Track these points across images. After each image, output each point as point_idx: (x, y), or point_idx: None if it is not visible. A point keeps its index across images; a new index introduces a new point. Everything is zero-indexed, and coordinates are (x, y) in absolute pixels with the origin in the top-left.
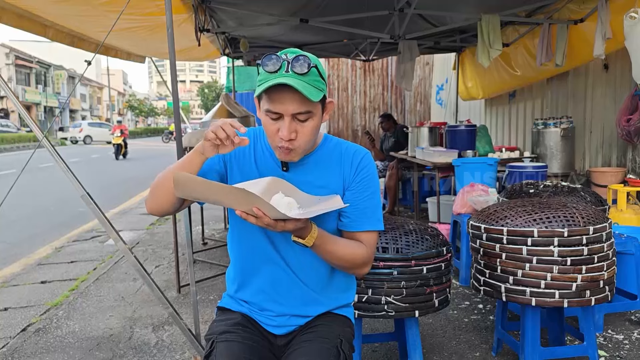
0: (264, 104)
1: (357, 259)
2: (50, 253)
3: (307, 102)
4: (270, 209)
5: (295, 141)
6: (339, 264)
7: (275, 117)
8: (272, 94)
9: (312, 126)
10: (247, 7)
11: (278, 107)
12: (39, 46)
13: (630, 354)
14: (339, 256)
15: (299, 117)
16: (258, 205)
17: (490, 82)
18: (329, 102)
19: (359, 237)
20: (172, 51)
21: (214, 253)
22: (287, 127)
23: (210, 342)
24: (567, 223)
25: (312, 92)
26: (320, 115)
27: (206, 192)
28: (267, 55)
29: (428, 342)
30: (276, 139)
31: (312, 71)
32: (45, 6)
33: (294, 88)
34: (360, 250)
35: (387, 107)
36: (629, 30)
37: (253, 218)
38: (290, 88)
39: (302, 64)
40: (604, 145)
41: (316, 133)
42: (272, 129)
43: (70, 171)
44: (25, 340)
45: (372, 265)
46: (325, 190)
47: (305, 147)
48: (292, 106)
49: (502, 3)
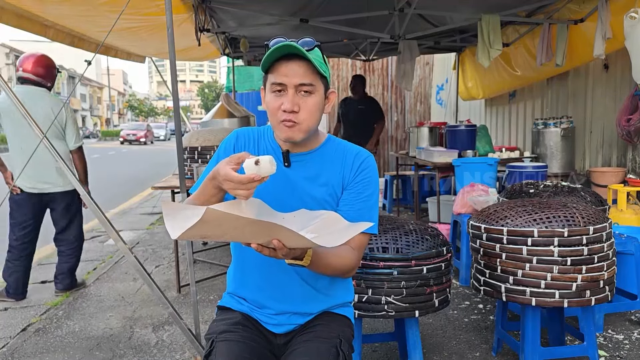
0: (270, 78)
1: (347, 266)
2: (50, 253)
3: (311, 75)
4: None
5: (299, 115)
6: (331, 274)
7: (279, 89)
8: (278, 66)
9: (315, 102)
10: (247, 7)
11: (282, 78)
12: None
13: (630, 354)
14: (333, 268)
15: (302, 89)
16: (280, 237)
17: (491, 82)
18: (331, 92)
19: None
20: (172, 51)
21: (214, 253)
22: (290, 98)
23: (210, 342)
24: (567, 223)
25: (315, 63)
26: (323, 97)
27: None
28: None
29: (428, 342)
30: (279, 113)
31: (316, 52)
32: (45, 6)
33: (299, 56)
34: (350, 256)
35: (387, 106)
36: (629, 30)
37: (267, 250)
38: (295, 61)
39: (306, 41)
40: (604, 145)
41: (318, 113)
42: (275, 105)
43: (71, 171)
44: (25, 340)
45: (372, 265)
46: (326, 187)
47: (308, 126)
48: (295, 78)
49: (502, 3)
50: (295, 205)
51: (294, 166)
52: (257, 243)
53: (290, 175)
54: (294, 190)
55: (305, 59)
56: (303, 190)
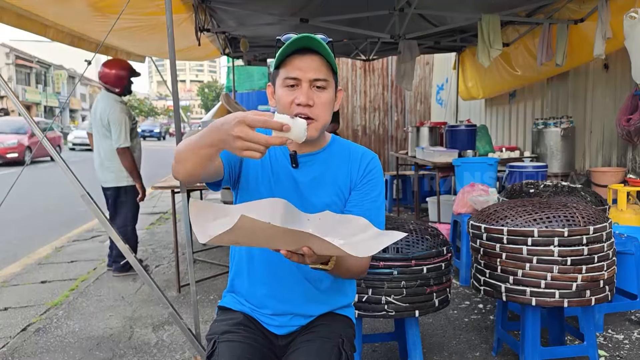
0: (282, 73)
1: (362, 267)
2: (50, 253)
3: (325, 70)
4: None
5: (314, 109)
6: (346, 276)
7: (292, 84)
8: (292, 60)
9: (328, 98)
10: (247, 6)
11: (297, 72)
12: (39, 46)
13: (630, 354)
14: (352, 271)
15: (316, 83)
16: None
17: (491, 81)
18: (339, 90)
19: None
20: (172, 51)
21: (214, 253)
22: (305, 92)
23: (212, 342)
24: (567, 223)
25: (330, 59)
26: (334, 94)
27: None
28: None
29: (428, 342)
30: (292, 107)
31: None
32: (45, 6)
33: (313, 51)
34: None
35: (387, 106)
36: (629, 30)
37: (297, 257)
38: (310, 55)
39: (321, 36)
40: (604, 145)
41: (331, 110)
42: (288, 100)
43: (71, 171)
44: (25, 340)
45: (372, 265)
46: (333, 188)
47: (324, 123)
48: (310, 72)
49: (502, 3)
50: (302, 206)
51: (301, 167)
52: (287, 250)
53: (297, 177)
54: (301, 191)
55: (319, 54)
56: (310, 192)
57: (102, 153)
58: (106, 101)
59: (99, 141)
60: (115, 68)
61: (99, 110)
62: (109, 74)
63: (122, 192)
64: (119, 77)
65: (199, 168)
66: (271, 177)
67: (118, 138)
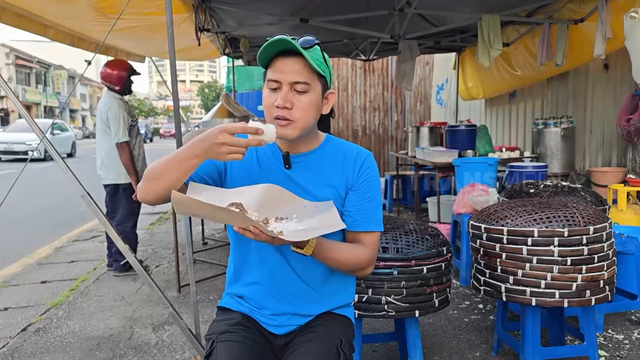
0: (268, 74)
1: (360, 262)
2: (50, 253)
3: (306, 74)
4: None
5: (292, 112)
6: (342, 268)
7: (274, 87)
8: (276, 62)
9: (309, 101)
10: (247, 7)
11: (278, 75)
12: (39, 46)
13: (630, 354)
14: (341, 261)
15: (296, 87)
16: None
17: (491, 82)
18: (330, 92)
19: (361, 238)
20: (172, 51)
21: (214, 253)
22: (283, 95)
23: (211, 342)
24: (567, 223)
25: (312, 61)
26: (320, 96)
27: (204, 211)
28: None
29: (428, 342)
30: (272, 110)
31: (316, 50)
32: (45, 6)
33: (296, 53)
34: (362, 252)
35: (387, 106)
36: (629, 30)
37: (250, 234)
38: (292, 58)
39: (306, 39)
40: (604, 145)
41: (314, 112)
42: (269, 102)
43: (71, 171)
44: (26, 340)
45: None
46: (329, 189)
47: (303, 125)
48: (291, 75)
49: (502, 3)
50: None
51: (294, 168)
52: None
53: (292, 177)
54: (296, 191)
55: (302, 57)
56: (306, 192)
57: (103, 150)
58: (106, 98)
59: (100, 138)
60: (116, 69)
61: (100, 107)
62: (110, 74)
63: (120, 189)
64: (119, 77)
65: (178, 183)
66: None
67: (117, 133)
